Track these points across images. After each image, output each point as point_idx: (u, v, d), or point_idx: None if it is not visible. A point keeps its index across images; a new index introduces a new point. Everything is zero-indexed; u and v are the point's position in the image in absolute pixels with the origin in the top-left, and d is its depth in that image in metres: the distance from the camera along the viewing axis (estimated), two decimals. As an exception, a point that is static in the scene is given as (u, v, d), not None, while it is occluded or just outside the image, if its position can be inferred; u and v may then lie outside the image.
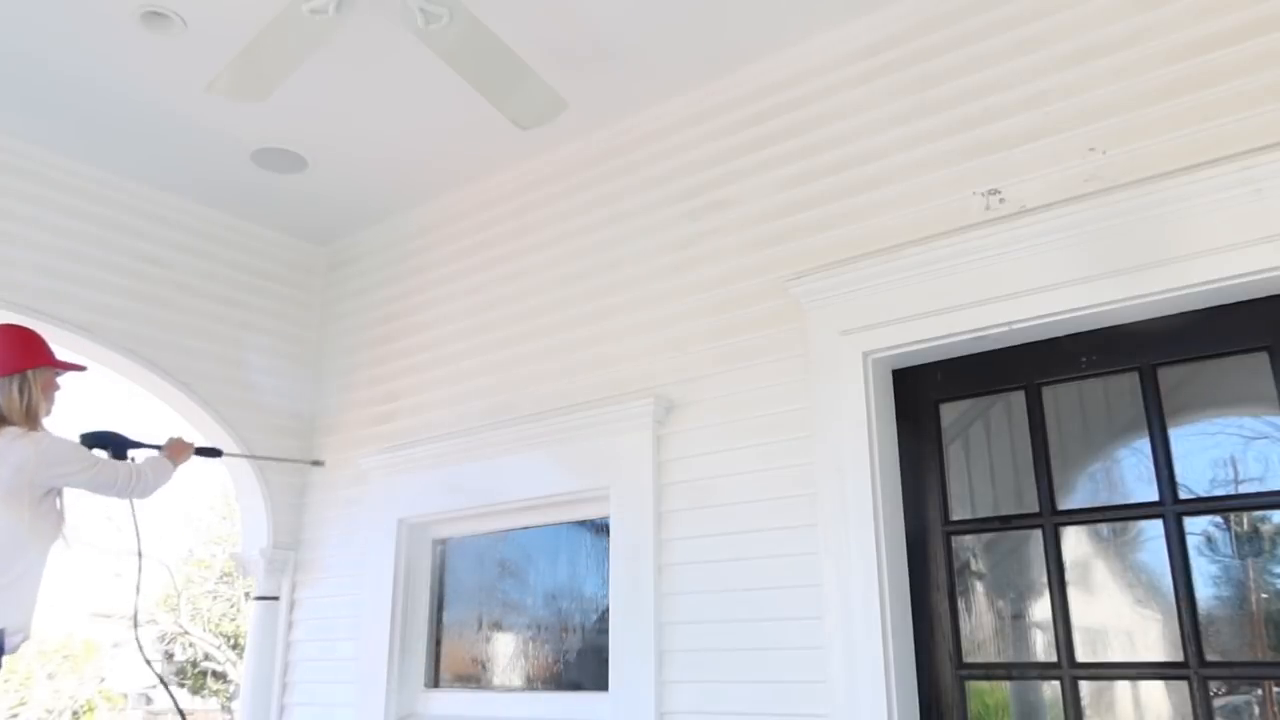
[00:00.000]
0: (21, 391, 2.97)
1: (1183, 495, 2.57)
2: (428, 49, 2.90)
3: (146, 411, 4.56)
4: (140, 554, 3.55)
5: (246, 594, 14.37)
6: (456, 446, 3.96)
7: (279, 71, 2.93)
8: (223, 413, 4.39)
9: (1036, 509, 2.78)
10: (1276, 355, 2.48)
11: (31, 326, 3.94)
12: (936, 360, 2.98)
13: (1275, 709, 2.45)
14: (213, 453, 3.96)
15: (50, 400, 3.09)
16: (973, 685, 2.82)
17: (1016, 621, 2.88)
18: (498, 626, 3.97)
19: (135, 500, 3.20)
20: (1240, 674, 2.55)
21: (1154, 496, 2.60)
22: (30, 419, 2.96)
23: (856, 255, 3.06)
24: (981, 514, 2.94)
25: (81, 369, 3.29)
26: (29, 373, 3.01)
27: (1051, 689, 2.72)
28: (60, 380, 3.16)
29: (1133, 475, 2.71)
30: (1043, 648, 2.77)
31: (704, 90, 3.61)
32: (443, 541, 4.19)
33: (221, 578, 16.87)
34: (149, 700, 20.32)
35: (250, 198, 4.46)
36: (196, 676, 18.82)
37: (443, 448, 4.01)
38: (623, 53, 3.45)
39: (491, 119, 3.41)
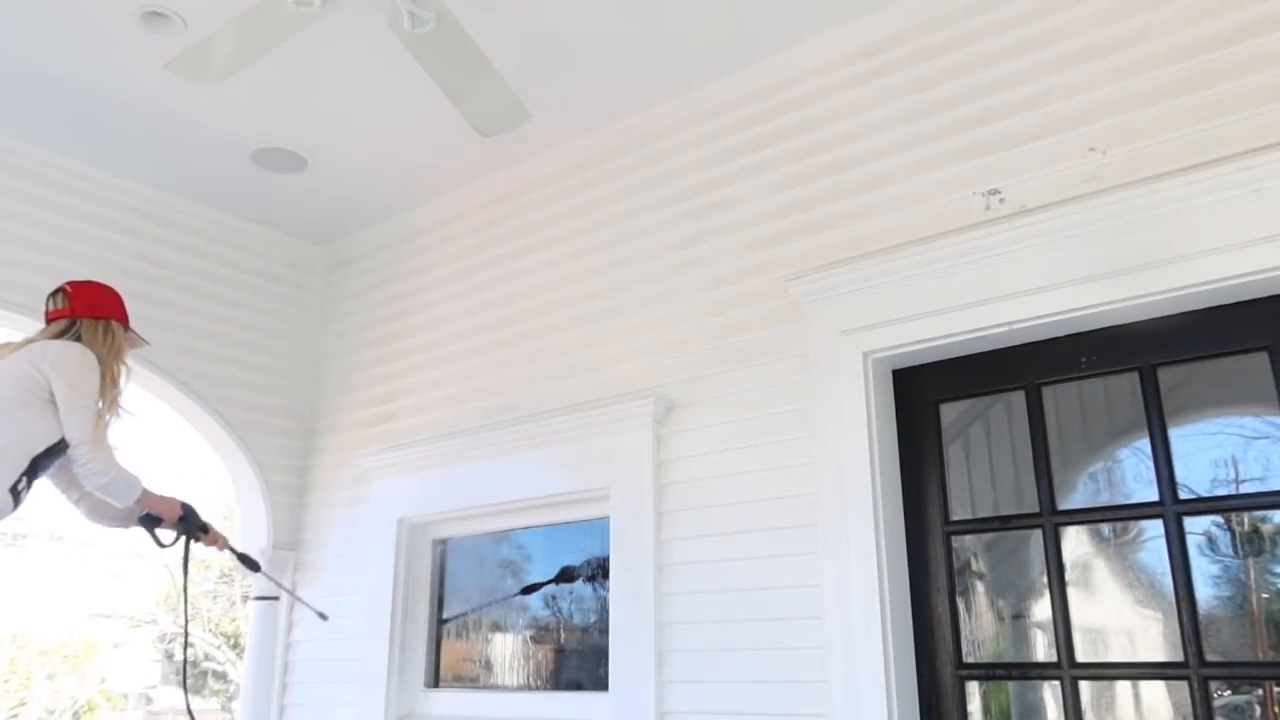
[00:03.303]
0: (106, 335, 3.00)
1: (1183, 495, 2.57)
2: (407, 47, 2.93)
3: (145, 411, 4.54)
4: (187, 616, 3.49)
5: (245, 596, 14.37)
6: (456, 446, 3.96)
7: (245, 57, 2.95)
8: (223, 413, 4.39)
9: (1036, 509, 2.78)
10: (1276, 355, 2.48)
11: (33, 326, 3.96)
12: (936, 360, 2.98)
13: (1276, 709, 2.45)
14: (250, 564, 3.58)
15: (125, 360, 3.07)
16: (983, 685, 2.82)
17: (1016, 621, 2.88)
18: (498, 626, 3.97)
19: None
20: (1240, 674, 2.55)
21: (1154, 496, 2.60)
22: (112, 360, 2.97)
23: (856, 255, 3.06)
24: (981, 514, 2.94)
25: (147, 343, 3.23)
26: (114, 323, 3.04)
27: (1051, 689, 2.72)
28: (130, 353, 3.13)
29: (1133, 475, 2.71)
30: (1043, 648, 2.77)
31: (704, 90, 3.61)
32: (443, 541, 4.19)
33: (221, 578, 16.87)
34: (149, 700, 20.31)
35: (250, 198, 4.46)
36: (197, 676, 18.82)
37: (443, 448, 4.01)
38: (622, 52, 3.45)
39: (491, 119, 3.41)
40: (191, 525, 3.18)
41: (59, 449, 2.80)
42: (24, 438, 2.75)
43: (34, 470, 2.78)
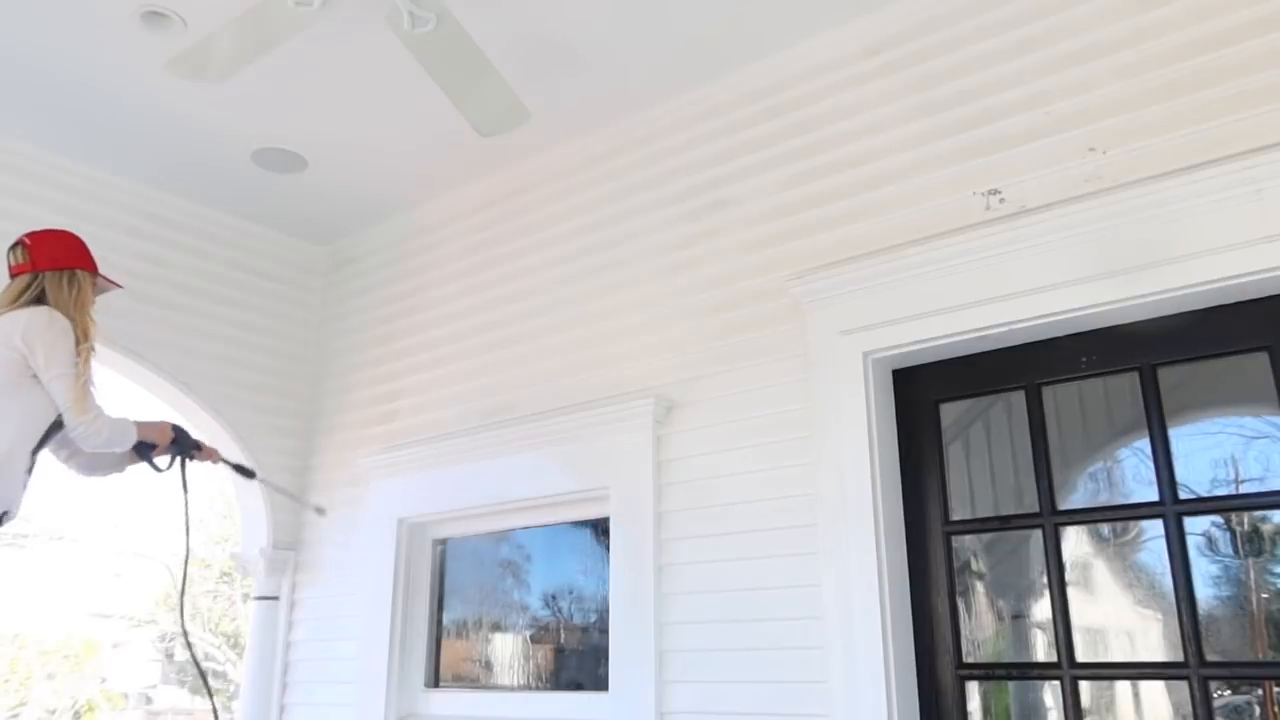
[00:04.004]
0: (71, 286, 2.90)
1: (1183, 495, 2.57)
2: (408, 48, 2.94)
3: (146, 412, 4.54)
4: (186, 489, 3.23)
5: (245, 595, 14.39)
6: (456, 446, 3.96)
7: (245, 56, 2.95)
8: (223, 412, 4.39)
9: (1036, 509, 2.77)
10: (1276, 355, 2.48)
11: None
12: (936, 360, 2.98)
13: (1275, 709, 2.45)
14: (246, 472, 3.61)
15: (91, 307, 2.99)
16: (983, 685, 2.82)
17: (1016, 621, 2.88)
18: (498, 626, 3.97)
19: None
20: (1240, 674, 2.55)
21: (1154, 496, 2.60)
22: (81, 314, 2.88)
23: (857, 255, 3.06)
24: (981, 514, 2.94)
25: (120, 286, 3.14)
26: (79, 272, 2.95)
27: (1051, 689, 2.72)
28: (97, 298, 3.04)
29: (1133, 475, 2.71)
30: (1043, 648, 2.77)
31: (704, 90, 3.61)
32: (443, 541, 4.19)
33: (221, 577, 16.89)
34: (149, 700, 20.32)
35: (250, 198, 4.46)
36: (197, 677, 18.81)
37: (443, 448, 4.01)
38: (622, 52, 3.45)
39: (491, 119, 3.41)
40: (184, 446, 3.16)
41: (61, 421, 2.77)
42: (30, 418, 2.71)
43: (41, 445, 2.76)
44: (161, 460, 3.13)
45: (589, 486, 3.53)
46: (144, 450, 3.04)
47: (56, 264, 2.91)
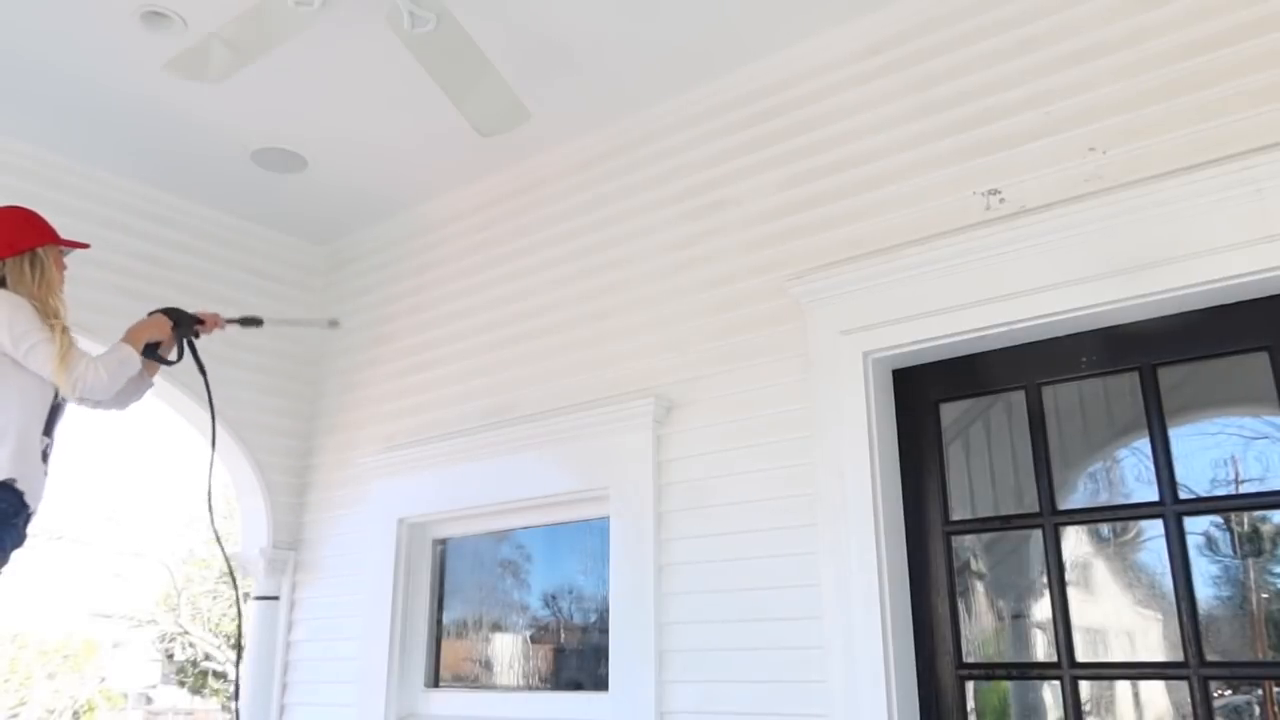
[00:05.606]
0: (34, 269, 2.79)
1: (1183, 495, 2.57)
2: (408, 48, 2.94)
3: (146, 411, 4.54)
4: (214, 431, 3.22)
5: (246, 594, 14.37)
6: (456, 446, 3.96)
7: (245, 57, 2.95)
8: (223, 413, 4.37)
9: (1036, 509, 2.77)
10: (1276, 355, 2.48)
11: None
12: (936, 360, 2.98)
13: (1275, 709, 2.45)
14: (254, 322, 3.38)
15: (60, 279, 2.87)
16: (983, 685, 2.82)
17: (1016, 621, 2.88)
18: (498, 626, 3.97)
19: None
20: (1240, 674, 2.55)
21: (1154, 496, 2.60)
22: (47, 295, 2.76)
23: (856, 255, 3.06)
24: (981, 514, 2.94)
25: (85, 246, 2.99)
26: (39, 251, 2.80)
27: (1051, 689, 2.72)
28: (66, 260, 2.94)
29: (1133, 475, 2.71)
30: (1043, 648, 2.77)
31: (704, 90, 3.61)
32: (443, 541, 4.19)
33: (221, 577, 16.88)
34: (149, 700, 20.34)
35: (250, 197, 4.46)
36: (197, 676, 18.84)
37: (443, 448, 4.01)
38: (622, 52, 3.45)
39: (491, 119, 3.41)
40: (186, 328, 3.07)
41: (61, 401, 2.73)
42: (29, 401, 2.65)
43: (50, 427, 2.71)
44: (170, 353, 3.04)
45: (589, 486, 3.53)
46: (150, 351, 2.94)
47: (14, 248, 2.78)
